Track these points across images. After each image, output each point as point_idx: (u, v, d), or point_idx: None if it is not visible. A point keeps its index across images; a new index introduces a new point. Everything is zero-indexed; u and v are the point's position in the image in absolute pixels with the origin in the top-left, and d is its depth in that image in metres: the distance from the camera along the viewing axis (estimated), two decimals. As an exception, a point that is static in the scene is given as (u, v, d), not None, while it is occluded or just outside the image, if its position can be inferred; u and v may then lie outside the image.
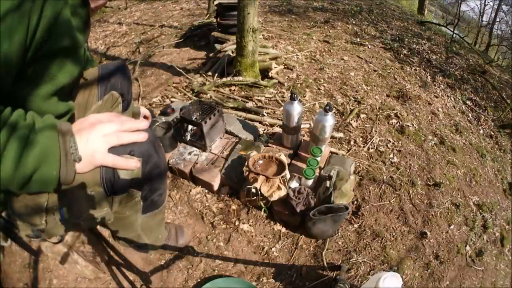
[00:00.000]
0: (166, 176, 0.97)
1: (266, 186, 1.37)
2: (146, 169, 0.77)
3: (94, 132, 0.56)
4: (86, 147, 0.55)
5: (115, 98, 1.09)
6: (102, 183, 0.73)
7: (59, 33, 0.60)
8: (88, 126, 0.57)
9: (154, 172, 0.82)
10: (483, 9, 8.43)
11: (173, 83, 2.47)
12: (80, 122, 0.59)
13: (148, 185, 0.85)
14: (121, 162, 0.59)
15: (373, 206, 1.57)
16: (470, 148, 2.33)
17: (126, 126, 0.60)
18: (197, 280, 1.25)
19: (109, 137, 0.57)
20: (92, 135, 0.56)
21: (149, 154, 0.77)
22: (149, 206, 0.94)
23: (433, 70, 3.32)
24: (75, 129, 0.56)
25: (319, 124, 1.45)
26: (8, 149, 0.49)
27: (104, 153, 0.57)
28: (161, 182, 0.91)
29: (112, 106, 1.11)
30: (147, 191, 0.87)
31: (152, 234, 1.11)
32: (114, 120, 0.59)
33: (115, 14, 4.53)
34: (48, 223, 0.75)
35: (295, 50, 3.07)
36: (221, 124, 1.72)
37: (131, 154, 0.71)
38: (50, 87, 0.67)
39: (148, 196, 0.89)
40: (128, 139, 0.59)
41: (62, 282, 1.16)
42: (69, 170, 0.54)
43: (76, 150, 0.54)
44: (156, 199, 0.94)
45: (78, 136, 0.55)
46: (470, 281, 1.44)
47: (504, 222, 1.85)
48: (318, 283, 1.25)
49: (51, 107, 0.71)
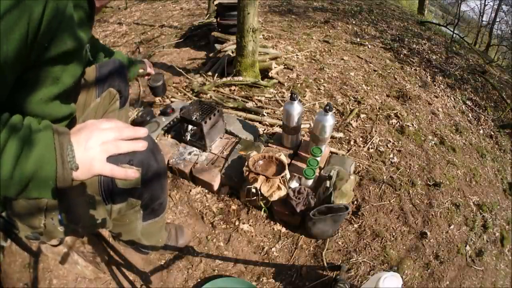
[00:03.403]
0: (167, 185, 0.96)
1: (266, 186, 1.37)
2: (146, 178, 0.77)
3: (92, 140, 0.54)
4: (84, 155, 0.53)
5: (112, 95, 1.11)
6: (100, 192, 0.72)
7: (64, 34, 0.58)
8: (86, 134, 0.55)
9: (154, 181, 0.81)
10: (483, 9, 8.42)
11: (173, 83, 2.47)
12: (78, 129, 0.57)
13: (148, 194, 0.84)
14: (119, 172, 0.57)
15: (373, 206, 1.57)
16: (470, 148, 2.33)
17: (125, 134, 0.58)
18: (197, 280, 1.25)
19: (108, 145, 0.55)
20: (90, 143, 0.54)
21: (148, 164, 0.76)
22: (150, 214, 0.94)
23: (433, 70, 3.32)
24: (73, 136, 0.55)
25: (319, 124, 1.45)
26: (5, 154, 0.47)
27: (102, 162, 0.55)
28: (161, 191, 0.90)
29: (110, 103, 1.12)
30: (147, 200, 0.86)
31: (153, 238, 1.10)
32: (112, 128, 0.57)
33: (115, 14, 4.53)
34: (47, 226, 0.75)
35: (295, 50, 3.06)
36: (221, 124, 1.72)
37: (130, 163, 0.70)
38: (52, 90, 0.65)
39: (148, 205, 0.89)
40: (127, 147, 0.57)
41: (62, 282, 1.16)
42: (66, 178, 0.52)
43: (74, 158, 0.52)
44: (156, 208, 0.94)
45: (75, 144, 0.54)
46: (470, 281, 1.44)
47: (504, 222, 1.85)
48: (318, 283, 1.25)
49: (53, 110, 0.69)
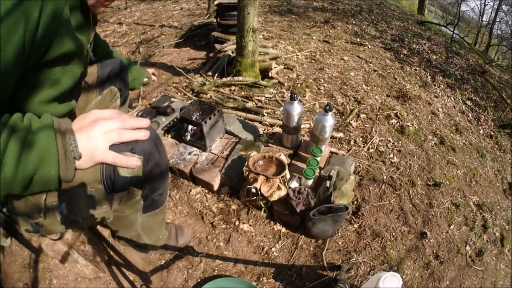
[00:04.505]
0: (168, 176, 0.97)
1: (266, 186, 1.37)
2: (147, 167, 0.77)
3: (95, 129, 0.56)
4: (87, 144, 0.55)
5: (113, 92, 1.14)
6: (102, 180, 0.72)
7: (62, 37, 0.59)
8: (89, 123, 0.56)
9: (155, 171, 0.81)
10: (483, 9, 8.44)
11: (173, 83, 2.47)
12: (81, 118, 0.58)
13: (148, 184, 0.84)
14: (121, 160, 0.59)
15: (373, 206, 1.57)
16: (470, 148, 2.33)
17: (128, 123, 0.59)
18: (197, 280, 1.25)
19: (110, 134, 0.57)
20: (93, 132, 0.55)
21: (150, 153, 0.76)
22: (150, 205, 0.94)
23: (433, 70, 3.32)
24: (76, 126, 0.56)
25: (319, 124, 1.45)
26: (7, 153, 0.48)
27: (104, 150, 0.56)
28: (162, 181, 0.91)
29: (111, 100, 1.15)
30: (148, 190, 0.86)
31: (153, 234, 1.10)
32: (115, 117, 0.59)
33: (115, 14, 4.53)
34: (47, 217, 0.75)
35: (295, 50, 3.06)
36: (221, 124, 1.72)
37: (132, 152, 0.70)
38: (52, 92, 0.66)
39: (148, 195, 0.89)
40: (129, 136, 0.59)
41: (62, 282, 1.16)
42: (69, 168, 0.54)
43: (76, 148, 0.54)
44: (156, 199, 0.94)
45: (78, 133, 0.55)
46: (470, 281, 1.44)
47: (504, 222, 1.85)
48: (318, 283, 1.25)
49: (53, 109, 0.70)
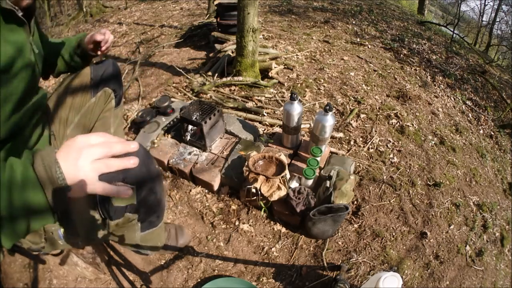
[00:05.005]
0: (163, 195, 0.97)
1: (266, 186, 1.37)
2: (141, 195, 0.78)
3: (82, 159, 0.52)
4: (75, 175, 0.52)
5: (108, 94, 1.14)
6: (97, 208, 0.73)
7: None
8: (76, 152, 0.53)
9: (150, 197, 0.82)
10: (483, 9, 8.44)
11: (173, 83, 2.47)
12: (67, 145, 0.55)
13: (144, 208, 0.85)
14: (111, 190, 0.55)
15: (373, 206, 1.57)
16: (470, 148, 2.33)
17: (115, 149, 0.55)
18: (197, 280, 1.25)
19: (98, 164, 0.53)
20: (80, 162, 0.52)
21: (143, 180, 0.76)
22: (148, 226, 0.95)
23: (433, 70, 3.32)
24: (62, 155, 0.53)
25: (319, 124, 1.45)
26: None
27: (93, 182, 0.53)
28: (157, 205, 0.91)
29: (105, 102, 1.15)
30: (144, 214, 0.87)
31: (152, 242, 1.12)
32: (102, 143, 0.55)
33: (115, 14, 4.53)
34: (48, 240, 0.77)
35: (295, 50, 3.06)
36: (221, 124, 1.72)
37: (124, 181, 0.70)
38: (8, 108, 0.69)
39: (145, 219, 0.90)
40: (118, 165, 0.55)
41: (62, 282, 1.16)
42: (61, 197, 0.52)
43: (64, 180, 0.51)
44: (153, 220, 0.95)
45: (64, 163, 0.52)
46: (470, 281, 1.43)
47: (504, 222, 1.85)
48: (318, 283, 1.25)
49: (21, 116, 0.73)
